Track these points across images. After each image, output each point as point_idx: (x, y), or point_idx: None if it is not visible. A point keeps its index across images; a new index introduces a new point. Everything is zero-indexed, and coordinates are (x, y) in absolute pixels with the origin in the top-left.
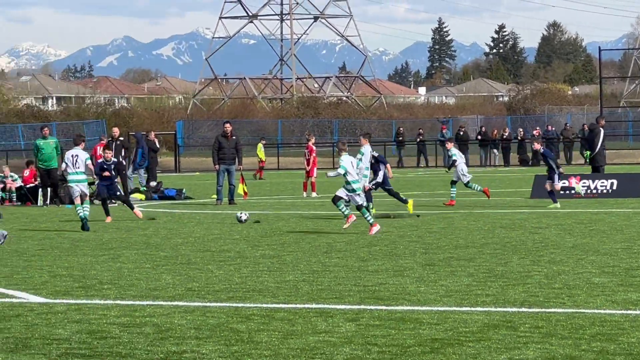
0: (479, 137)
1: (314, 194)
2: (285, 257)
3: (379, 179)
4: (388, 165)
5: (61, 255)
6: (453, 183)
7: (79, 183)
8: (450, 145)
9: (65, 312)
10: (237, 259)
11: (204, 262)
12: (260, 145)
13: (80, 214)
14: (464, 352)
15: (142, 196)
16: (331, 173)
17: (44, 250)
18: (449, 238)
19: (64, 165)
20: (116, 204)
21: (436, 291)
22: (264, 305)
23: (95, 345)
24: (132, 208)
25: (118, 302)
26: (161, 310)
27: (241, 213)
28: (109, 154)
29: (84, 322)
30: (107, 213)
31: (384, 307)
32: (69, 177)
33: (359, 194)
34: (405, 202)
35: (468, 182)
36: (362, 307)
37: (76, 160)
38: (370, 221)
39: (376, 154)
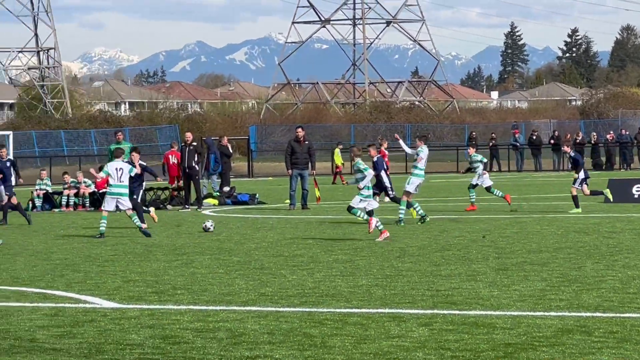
0: (552, 141)
1: (386, 199)
2: (359, 262)
3: (387, 183)
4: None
5: (134, 260)
6: (472, 187)
7: (119, 197)
8: (472, 151)
9: (138, 317)
10: (310, 264)
11: (277, 267)
12: (337, 151)
13: (102, 229)
14: (537, 357)
15: (215, 201)
16: (363, 183)
17: (117, 256)
18: (522, 242)
19: (102, 174)
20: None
21: (509, 296)
22: (337, 310)
23: (169, 350)
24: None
25: (191, 307)
26: (234, 315)
27: (206, 221)
28: (136, 157)
29: (157, 327)
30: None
31: (457, 312)
32: (110, 189)
33: (368, 202)
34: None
35: (475, 187)
36: (435, 311)
37: (121, 174)
38: (364, 218)
39: (375, 159)
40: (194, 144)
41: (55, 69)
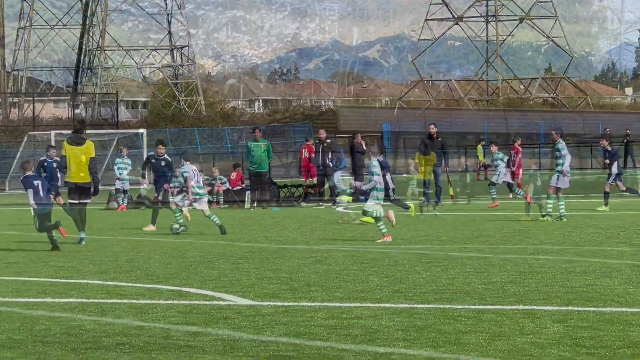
0: None
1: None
2: (492, 259)
3: (391, 185)
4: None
5: (268, 257)
6: (492, 184)
7: (197, 197)
8: (495, 149)
9: (272, 314)
10: (444, 261)
11: (411, 263)
12: (479, 147)
13: (180, 218)
14: None
15: (349, 198)
16: (367, 185)
17: (251, 253)
18: None
19: (190, 174)
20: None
21: None
22: (471, 307)
23: (303, 347)
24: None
25: (325, 304)
26: (369, 312)
27: (176, 225)
28: (162, 150)
29: (291, 324)
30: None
31: (592, 309)
32: (196, 190)
33: (380, 203)
34: (407, 207)
35: (495, 185)
36: (570, 308)
37: (198, 174)
38: (383, 231)
39: (381, 159)
40: (328, 141)
41: (188, 66)
